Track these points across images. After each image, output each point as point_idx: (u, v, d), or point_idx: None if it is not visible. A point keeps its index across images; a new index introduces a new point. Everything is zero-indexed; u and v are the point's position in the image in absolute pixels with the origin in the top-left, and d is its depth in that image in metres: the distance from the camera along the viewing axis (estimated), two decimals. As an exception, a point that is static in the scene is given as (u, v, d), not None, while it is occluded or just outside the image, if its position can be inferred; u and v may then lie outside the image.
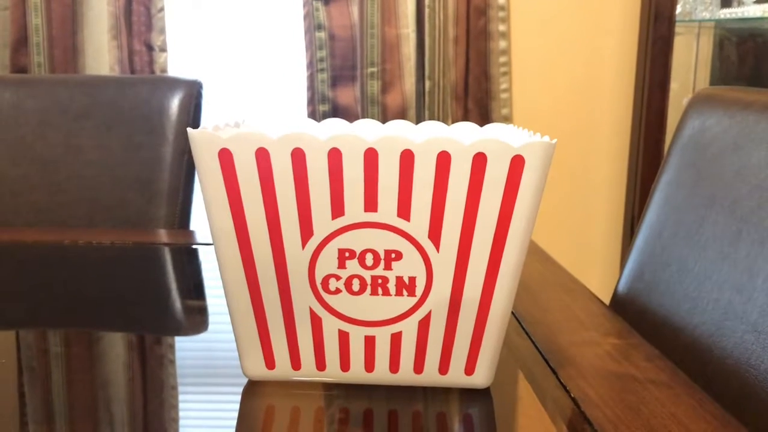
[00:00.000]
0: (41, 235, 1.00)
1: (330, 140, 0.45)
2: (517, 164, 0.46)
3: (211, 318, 0.70)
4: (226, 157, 0.46)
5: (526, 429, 0.49)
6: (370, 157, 0.46)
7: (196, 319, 0.71)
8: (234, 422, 0.49)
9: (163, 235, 1.03)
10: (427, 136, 0.45)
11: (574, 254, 2.03)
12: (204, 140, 0.46)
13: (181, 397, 0.53)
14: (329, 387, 0.53)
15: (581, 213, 2.02)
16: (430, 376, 0.52)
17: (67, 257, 0.90)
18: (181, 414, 0.50)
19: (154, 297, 0.76)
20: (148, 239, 0.98)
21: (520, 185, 0.46)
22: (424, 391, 0.52)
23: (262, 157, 0.46)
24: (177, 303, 0.75)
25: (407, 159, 0.46)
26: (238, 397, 0.52)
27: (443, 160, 0.46)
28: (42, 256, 0.90)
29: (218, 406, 0.52)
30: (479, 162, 0.46)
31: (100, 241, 0.93)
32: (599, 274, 2.05)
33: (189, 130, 0.46)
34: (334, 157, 0.46)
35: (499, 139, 0.45)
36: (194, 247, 0.94)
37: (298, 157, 0.46)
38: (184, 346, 0.64)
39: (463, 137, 0.54)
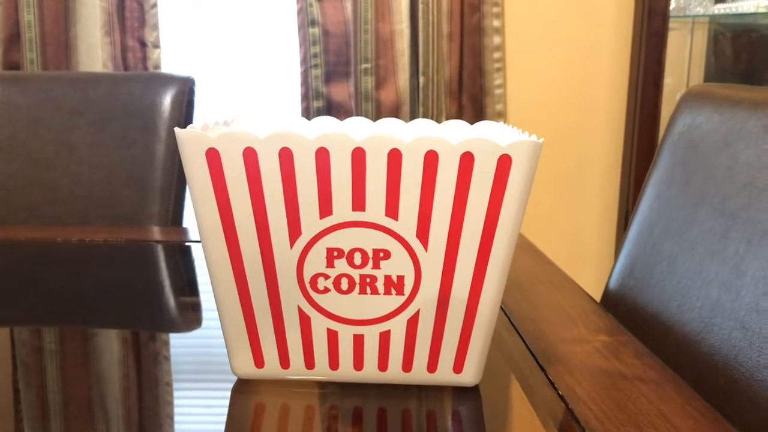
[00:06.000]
0: (34, 232, 1.00)
1: (317, 139, 0.45)
2: (504, 163, 0.46)
3: (205, 315, 0.70)
4: (213, 157, 0.46)
5: (515, 426, 0.50)
6: (358, 157, 0.46)
7: (191, 316, 0.71)
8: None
9: (156, 232, 1.03)
10: (415, 136, 0.45)
11: (568, 250, 2.03)
12: (191, 140, 0.46)
13: (175, 394, 0.53)
14: (319, 385, 0.53)
15: (575, 208, 2.02)
16: (419, 374, 0.52)
17: (61, 255, 0.90)
18: (175, 410, 0.51)
19: (148, 294, 0.76)
20: (142, 236, 0.98)
21: (508, 184, 0.46)
22: (413, 390, 0.52)
23: (250, 156, 0.46)
24: (171, 300, 0.75)
25: (395, 158, 0.46)
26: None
27: (431, 160, 0.46)
28: (35, 253, 0.90)
29: (213, 402, 0.52)
30: (467, 161, 0.46)
31: (93, 239, 0.93)
32: (593, 270, 2.05)
33: (176, 129, 0.46)
34: (322, 156, 0.46)
35: (486, 138, 0.45)
36: (187, 244, 0.94)
37: (285, 157, 0.46)
38: (179, 342, 0.64)
39: (451, 136, 0.54)
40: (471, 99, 1.84)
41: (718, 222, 0.66)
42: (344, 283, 0.49)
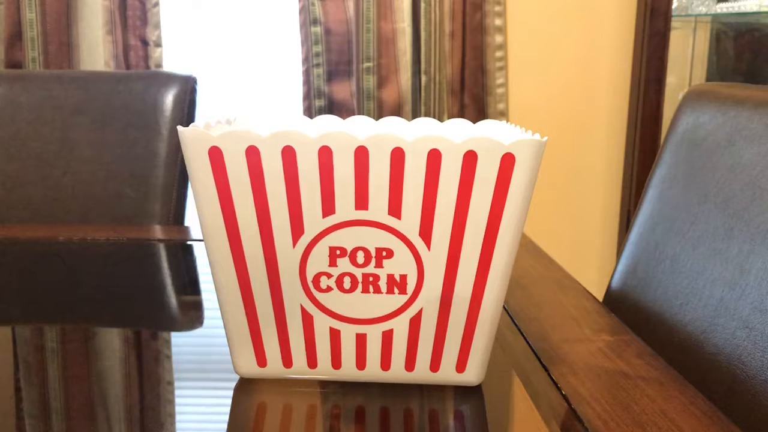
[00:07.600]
0: (36, 231, 1.00)
1: (320, 138, 0.45)
2: (507, 162, 0.46)
3: (207, 313, 0.70)
4: (216, 156, 0.46)
5: (518, 426, 0.49)
6: (361, 155, 0.46)
7: (192, 315, 0.71)
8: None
9: (157, 231, 1.03)
10: (418, 134, 0.45)
11: (570, 250, 2.03)
12: (194, 138, 0.46)
13: (177, 392, 0.53)
14: (321, 384, 0.53)
15: (577, 207, 2.02)
16: (422, 373, 0.52)
17: (62, 253, 0.89)
18: (177, 409, 0.50)
19: (150, 293, 0.76)
20: (143, 235, 0.98)
21: (511, 183, 0.46)
22: (415, 389, 0.52)
23: (253, 155, 0.46)
24: (172, 299, 0.75)
25: (398, 157, 0.46)
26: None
27: (434, 158, 0.46)
28: (37, 252, 0.90)
29: (215, 401, 0.52)
30: (470, 160, 0.45)
31: (94, 237, 0.93)
32: (595, 269, 2.05)
33: (179, 128, 0.46)
34: (325, 155, 0.46)
35: (489, 137, 0.45)
36: (189, 242, 0.94)
37: (288, 155, 0.46)
38: (180, 341, 0.64)
39: (453, 135, 0.54)
40: (473, 98, 1.84)
41: (722, 221, 0.66)
42: (347, 282, 0.49)
